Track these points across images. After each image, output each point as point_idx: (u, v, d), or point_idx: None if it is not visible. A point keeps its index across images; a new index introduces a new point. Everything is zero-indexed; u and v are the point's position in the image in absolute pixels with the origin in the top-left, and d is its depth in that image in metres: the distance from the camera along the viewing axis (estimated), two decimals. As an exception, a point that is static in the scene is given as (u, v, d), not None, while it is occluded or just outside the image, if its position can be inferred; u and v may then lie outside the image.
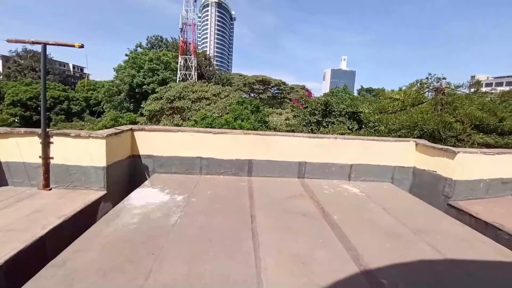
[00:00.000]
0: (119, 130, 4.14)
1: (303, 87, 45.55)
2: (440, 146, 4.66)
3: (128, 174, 4.46)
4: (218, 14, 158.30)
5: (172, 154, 4.61)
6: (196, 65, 46.56)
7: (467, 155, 4.37)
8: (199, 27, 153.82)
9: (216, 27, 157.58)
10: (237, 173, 4.75)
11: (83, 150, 3.70)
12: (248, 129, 13.73)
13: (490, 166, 4.63)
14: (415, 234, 3.00)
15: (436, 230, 3.15)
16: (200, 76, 47.01)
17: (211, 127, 14.04)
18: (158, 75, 39.66)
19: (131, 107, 40.13)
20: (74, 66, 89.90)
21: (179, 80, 41.98)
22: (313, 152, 4.86)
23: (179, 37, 49.57)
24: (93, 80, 61.43)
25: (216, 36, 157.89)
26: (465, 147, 6.52)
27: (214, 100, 26.55)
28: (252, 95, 43.55)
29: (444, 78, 9.98)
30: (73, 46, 3.56)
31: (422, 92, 9.70)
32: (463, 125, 7.49)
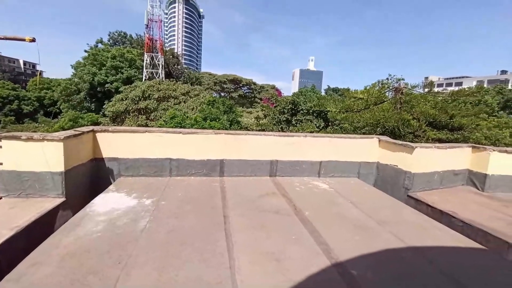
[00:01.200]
0: (79, 132, 3.84)
1: (273, 87, 46.13)
2: (400, 142, 5.00)
3: (90, 179, 4.16)
4: (186, 11, 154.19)
5: (139, 156, 4.40)
6: (163, 63, 44.95)
7: (424, 150, 4.74)
8: (166, 24, 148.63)
9: (184, 24, 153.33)
10: (208, 174, 4.67)
11: (37, 154, 3.37)
12: (219, 129, 13.58)
13: (443, 159, 5.08)
14: (380, 225, 3.18)
15: (399, 220, 3.37)
16: (168, 75, 45.51)
17: (181, 127, 13.65)
18: (122, 73, 37.60)
19: (93, 107, 37.57)
20: (25, 63, 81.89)
21: (145, 79, 40.25)
22: (284, 151, 4.94)
23: (144, 34, 47.50)
24: (47, 78, 56.34)
25: (184, 34, 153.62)
26: (421, 143, 7.07)
27: (184, 100, 25.85)
28: (222, 94, 43.19)
29: (402, 79, 10.72)
30: (24, 40, 3.24)
31: (383, 91, 10.33)
32: (419, 122, 8.12)
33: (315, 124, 11.42)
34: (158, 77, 41.81)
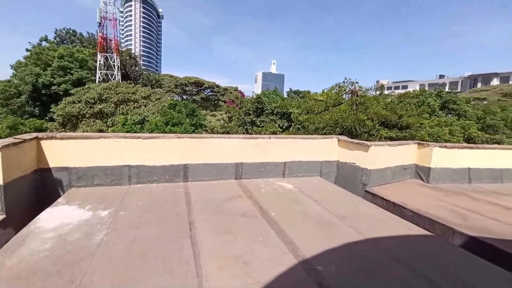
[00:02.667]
0: (20, 140, 3.42)
1: (236, 89, 46.10)
2: (357, 141, 5.34)
3: (34, 192, 3.72)
4: (143, 10, 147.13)
5: (93, 164, 4.07)
6: (119, 65, 42.32)
7: (378, 148, 5.12)
8: (121, 23, 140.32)
9: (142, 24, 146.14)
10: (172, 180, 4.49)
11: (-34, 167, 2.93)
12: (182, 132, 13.18)
13: (394, 156, 5.54)
14: (341, 221, 3.36)
15: (357, 215, 3.59)
16: (125, 77, 42.94)
17: (141, 132, 12.95)
18: (71, 74, 34.52)
19: (36, 111, 33.86)
20: (-50, 62, 70.94)
21: (99, 81, 37.48)
22: (249, 153, 4.96)
23: (97, 32, 44.28)
24: (-20, 80, 49.46)
25: (141, 34, 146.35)
26: (375, 141, 7.64)
27: (145, 103, 24.57)
28: (184, 97, 41.99)
29: (357, 82, 11.49)
30: None
31: (340, 94, 10.96)
32: (373, 122, 8.77)
33: (279, 125, 11.69)
34: (113, 79, 39.24)
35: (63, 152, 3.91)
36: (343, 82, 12.89)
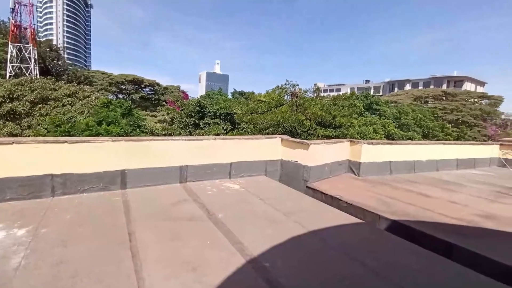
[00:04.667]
0: None
1: (178, 88, 44.06)
2: (298, 140, 5.67)
3: None
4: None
5: (3, 175, 3.42)
6: (37, 57, 36.45)
7: (316, 146, 5.52)
8: (40, 10, 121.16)
9: (66, 12, 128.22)
10: (107, 188, 4.07)
11: None
12: (118, 134, 12.07)
13: (330, 153, 6.06)
14: (286, 216, 3.52)
15: (300, 209, 3.81)
16: (45, 72, 37.19)
17: (69, 135, 11.36)
18: (-31, 67, 28.36)
19: None
20: None
21: (10, 75, 31.67)
22: (194, 155, 4.82)
23: (9, 19, 37.34)
24: None
25: (65, 23, 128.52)
26: (314, 139, 8.24)
27: (70, 102, 21.57)
28: (120, 96, 38.39)
29: (297, 85, 12.20)
30: None
31: (282, 95, 11.50)
32: (311, 122, 9.45)
33: (223, 127, 11.66)
34: (29, 74, 33.64)
35: (-41, 162, 3.19)
36: (285, 84, 13.56)
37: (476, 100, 33.40)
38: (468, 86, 54.10)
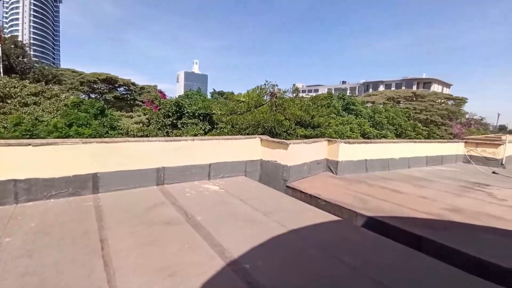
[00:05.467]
0: None
1: (155, 87, 42.69)
2: (278, 140, 5.70)
3: None
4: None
5: (-43, 181, 3.12)
6: (1, 54, 33.77)
7: (296, 145, 5.59)
8: (5, 5, 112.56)
9: (32, 7, 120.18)
10: (77, 193, 3.84)
11: None
12: (90, 136, 11.48)
13: (309, 152, 6.15)
14: (266, 216, 3.52)
15: (280, 209, 3.83)
16: (9, 70, 34.58)
17: (31, 135, 10.61)
18: None
19: None
20: None
21: (-34, 73, 29.03)
22: (172, 156, 4.69)
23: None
24: None
25: (32, 18, 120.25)
26: (293, 139, 8.33)
27: (35, 101, 20.19)
28: (93, 96, 36.59)
29: (276, 85, 12.28)
30: None
31: (262, 95, 11.53)
32: (290, 122, 9.56)
33: (201, 127, 11.47)
34: (-10, 72, 31.07)
35: None
36: (265, 84, 13.61)
37: (443, 101, 35.58)
38: (435, 88, 57.48)
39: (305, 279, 2.24)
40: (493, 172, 8.02)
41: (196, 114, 11.73)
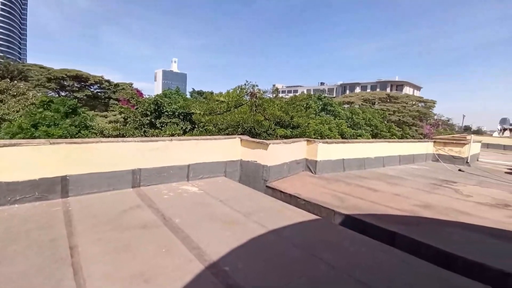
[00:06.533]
0: None
1: (130, 85, 40.95)
2: (258, 140, 5.70)
3: None
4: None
5: None
6: (-47, 47, 30.90)
7: (275, 146, 5.61)
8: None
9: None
10: (44, 197, 3.60)
11: None
12: (60, 136, 10.82)
13: (289, 152, 6.21)
14: (246, 217, 3.50)
15: (260, 209, 3.82)
16: (-34, 65, 31.85)
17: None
18: None
19: None
20: None
21: None
22: (148, 157, 4.53)
23: None
24: None
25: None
26: (273, 139, 8.38)
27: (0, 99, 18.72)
28: (62, 93, 34.60)
29: (256, 85, 12.28)
30: None
31: (241, 95, 11.47)
32: (270, 122, 9.60)
33: (181, 127, 11.20)
34: None
35: None
36: (245, 84, 13.58)
37: (414, 103, 37.47)
38: (407, 90, 60.45)
39: (285, 279, 2.25)
40: (459, 170, 8.55)
41: (176, 113, 11.41)
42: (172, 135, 10.17)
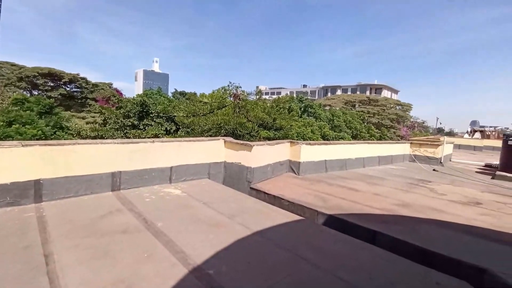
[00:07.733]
0: None
1: (109, 85, 39.51)
2: (242, 142, 5.69)
3: None
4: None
5: None
6: None
7: (259, 147, 5.63)
8: None
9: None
10: (15, 202, 3.39)
11: None
12: (35, 136, 10.26)
13: (272, 154, 6.25)
14: (230, 219, 3.47)
15: (244, 211, 3.81)
16: None
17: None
18: None
19: None
20: None
21: None
22: (129, 159, 4.40)
23: None
24: None
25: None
26: (256, 141, 8.40)
27: (-37, 99, 17.44)
28: (35, 92, 32.80)
29: (240, 87, 12.29)
30: None
31: (225, 97, 11.43)
32: (253, 124, 9.62)
33: (166, 128, 10.95)
34: None
35: None
36: (228, 85, 13.53)
37: (392, 106, 39.00)
38: (385, 93, 62.76)
39: (270, 281, 2.25)
40: (434, 170, 8.98)
41: (161, 114, 11.14)
42: (156, 135, 9.92)
